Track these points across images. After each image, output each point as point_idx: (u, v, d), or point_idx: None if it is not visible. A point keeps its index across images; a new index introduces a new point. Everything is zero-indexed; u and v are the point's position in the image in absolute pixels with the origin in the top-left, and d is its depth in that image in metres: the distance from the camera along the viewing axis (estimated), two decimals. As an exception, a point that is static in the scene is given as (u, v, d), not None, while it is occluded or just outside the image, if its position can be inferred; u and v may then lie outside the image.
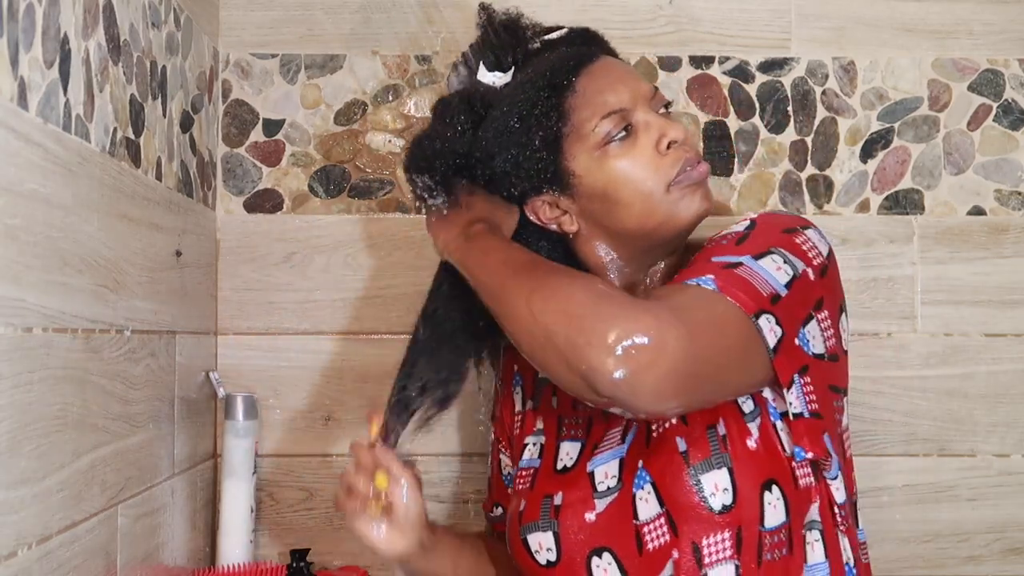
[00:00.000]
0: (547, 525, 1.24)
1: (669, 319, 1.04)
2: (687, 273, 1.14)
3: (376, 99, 1.66)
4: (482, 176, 1.28)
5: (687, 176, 1.23)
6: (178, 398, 1.42)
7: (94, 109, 1.12)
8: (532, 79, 1.27)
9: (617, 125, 1.23)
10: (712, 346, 1.08)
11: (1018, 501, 1.63)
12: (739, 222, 1.21)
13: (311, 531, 1.62)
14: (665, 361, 1.03)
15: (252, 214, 1.65)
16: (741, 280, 1.11)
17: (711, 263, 1.14)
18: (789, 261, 1.15)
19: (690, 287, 1.11)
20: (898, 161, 1.66)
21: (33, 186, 0.97)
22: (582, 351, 1.04)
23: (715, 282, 1.11)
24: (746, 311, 1.09)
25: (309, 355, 1.64)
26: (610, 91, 1.25)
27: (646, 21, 1.67)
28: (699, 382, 1.08)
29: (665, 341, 1.03)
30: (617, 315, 1.04)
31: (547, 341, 1.08)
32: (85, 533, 1.09)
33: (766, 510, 1.15)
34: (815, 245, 1.19)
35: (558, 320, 1.07)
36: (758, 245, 1.16)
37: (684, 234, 1.27)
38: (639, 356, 1.02)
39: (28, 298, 0.96)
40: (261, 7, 1.65)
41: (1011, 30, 1.67)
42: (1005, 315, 1.65)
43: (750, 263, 1.13)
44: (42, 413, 0.99)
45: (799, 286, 1.14)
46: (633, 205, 1.23)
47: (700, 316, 1.08)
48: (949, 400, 1.64)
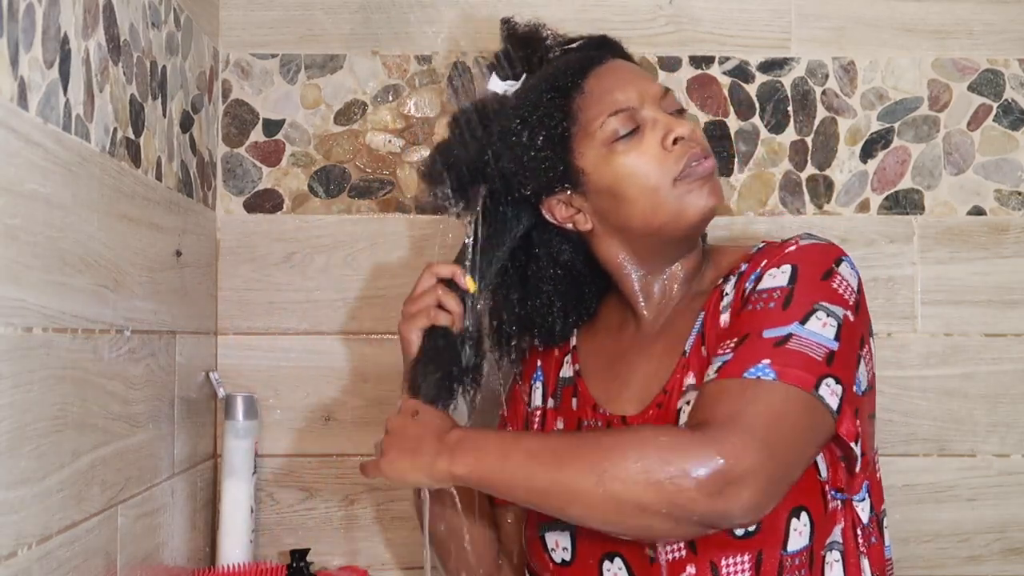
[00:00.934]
0: (565, 525, 1.25)
1: (740, 441, 1.07)
2: (743, 356, 1.13)
3: (376, 99, 1.66)
4: (494, 178, 1.29)
5: (692, 170, 1.24)
6: (178, 398, 1.42)
7: (94, 109, 1.12)
8: (538, 82, 1.29)
9: (624, 123, 1.25)
10: (784, 442, 1.10)
11: (1018, 501, 1.63)
12: (780, 263, 1.19)
13: (311, 531, 1.62)
14: (753, 481, 1.07)
15: (252, 214, 1.65)
16: (795, 355, 1.12)
17: (762, 341, 1.14)
18: (831, 313, 1.16)
19: (749, 384, 1.11)
20: (898, 161, 1.66)
21: (33, 186, 0.97)
22: (685, 509, 1.07)
23: (772, 368, 1.11)
24: (806, 388, 1.11)
25: (309, 355, 1.64)
26: (618, 90, 1.26)
27: (646, 21, 1.67)
28: (783, 476, 1.11)
29: (747, 465, 1.06)
30: (697, 458, 1.06)
31: (641, 511, 1.09)
32: (85, 533, 1.09)
33: (791, 536, 1.17)
34: (848, 283, 1.19)
35: (647, 490, 1.07)
36: (803, 305, 1.16)
37: (694, 231, 1.28)
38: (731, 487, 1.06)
39: (28, 298, 0.96)
40: (261, 7, 1.65)
41: (1011, 30, 1.67)
42: (1005, 315, 1.65)
43: (799, 331, 1.14)
44: (42, 413, 0.99)
45: (845, 334, 1.15)
46: (639, 201, 1.25)
47: (766, 418, 1.10)
48: (949, 400, 1.64)
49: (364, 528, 1.63)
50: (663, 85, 1.32)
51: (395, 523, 1.63)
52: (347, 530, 1.63)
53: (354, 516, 1.63)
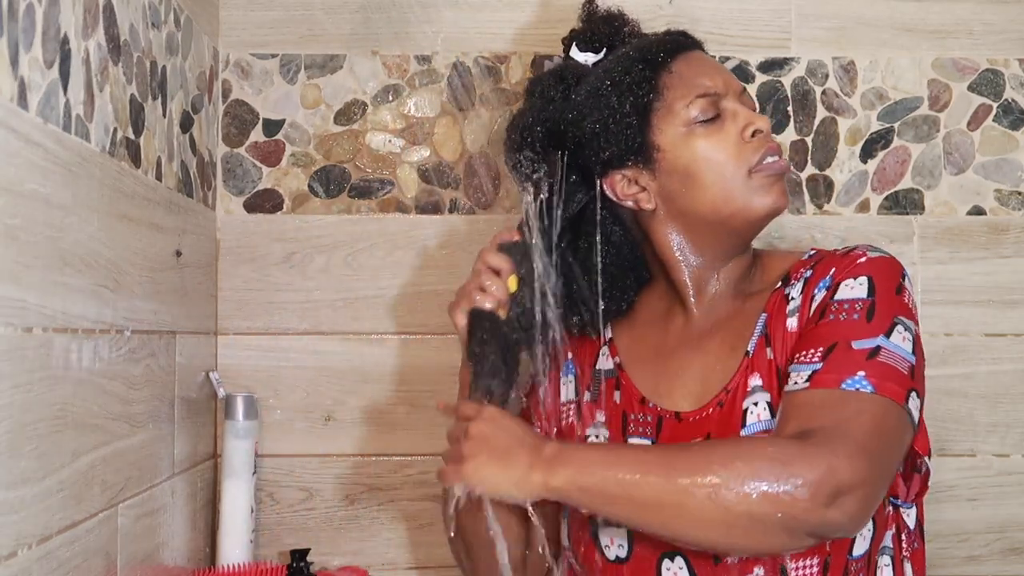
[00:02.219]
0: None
1: (844, 454, 1.08)
2: (837, 367, 1.15)
3: (376, 99, 1.66)
4: (571, 141, 1.28)
5: (769, 166, 1.26)
6: (178, 398, 1.42)
7: (94, 109, 1.12)
8: (630, 52, 1.31)
9: (707, 108, 1.26)
10: (882, 452, 1.12)
11: (1018, 501, 1.63)
12: (855, 275, 1.21)
13: (311, 531, 1.62)
14: (860, 490, 1.09)
15: (252, 214, 1.65)
16: (888, 369, 1.15)
17: (854, 352, 1.15)
18: (907, 327, 1.19)
19: (850, 395, 1.13)
20: (898, 161, 1.66)
21: (33, 186, 0.97)
22: (799, 521, 1.08)
23: (869, 380, 1.13)
24: (899, 401, 1.14)
25: (309, 355, 1.64)
26: (705, 76, 1.28)
27: (646, 21, 1.65)
28: (883, 485, 1.14)
29: (854, 475, 1.08)
30: (810, 468, 1.07)
31: (753, 524, 1.09)
32: (85, 533, 1.09)
33: (856, 540, 1.19)
34: (913, 298, 1.23)
35: (761, 502, 1.08)
36: (885, 319, 1.18)
37: (756, 228, 1.28)
38: (841, 499, 1.08)
39: (28, 298, 0.96)
40: (261, 7, 1.65)
41: (1011, 30, 1.67)
42: (1005, 315, 1.65)
43: (886, 344, 1.16)
44: (42, 413, 0.99)
45: (918, 347, 1.19)
46: (712, 188, 1.25)
47: (868, 429, 1.11)
48: (949, 400, 1.64)
49: (364, 528, 1.63)
50: (742, 87, 1.32)
51: (395, 523, 1.63)
52: (347, 530, 1.63)
53: (354, 516, 1.63)
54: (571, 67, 1.33)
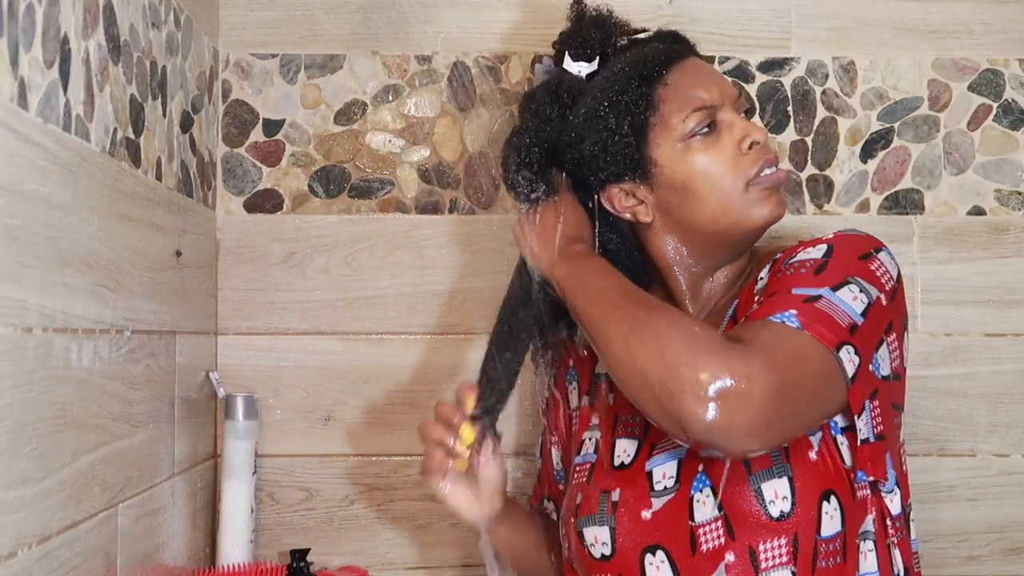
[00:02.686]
0: (604, 520, 1.27)
1: (758, 362, 1.07)
2: (771, 305, 1.15)
3: (376, 99, 1.66)
4: (570, 160, 1.30)
5: (766, 178, 1.26)
6: (178, 398, 1.42)
7: (94, 109, 1.12)
8: (624, 68, 1.30)
9: (704, 120, 1.27)
10: (798, 384, 1.10)
11: (1018, 501, 1.63)
12: (815, 244, 1.21)
13: (311, 531, 1.62)
14: (754, 405, 1.06)
15: (252, 214, 1.65)
16: (822, 314, 1.13)
17: (792, 296, 1.15)
18: (865, 289, 1.16)
19: (775, 324, 1.12)
20: (898, 161, 1.66)
21: (33, 186, 0.97)
22: (676, 398, 1.07)
23: (798, 318, 1.12)
24: (828, 346, 1.11)
25: (309, 355, 1.64)
26: (701, 87, 1.28)
27: (646, 21, 1.66)
28: (786, 420, 1.10)
29: (754, 385, 1.06)
30: (710, 362, 1.06)
31: (643, 382, 1.10)
32: (85, 533, 1.09)
33: (823, 519, 1.17)
34: (887, 269, 1.21)
35: (654, 364, 1.09)
36: (836, 275, 1.17)
37: (754, 237, 1.30)
38: (730, 402, 1.05)
39: (28, 298, 0.96)
40: (261, 7, 1.65)
41: (1011, 30, 1.67)
42: (1005, 315, 1.65)
43: (829, 295, 1.14)
44: (42, 413, 0.99)
45: (874, 313, 1.16)
46: (710, 200, 1.26)
47: (786, 355, 1.10)
48: (949, 400, 1.64)
49: (364, 528, 1.63)
50: (737, 93, 1.32)
51: (395, 523, 1.63)
52: (347, 530, 1.63)
53: (354, 516, 1.63)
54: (565, 82, 1.33)
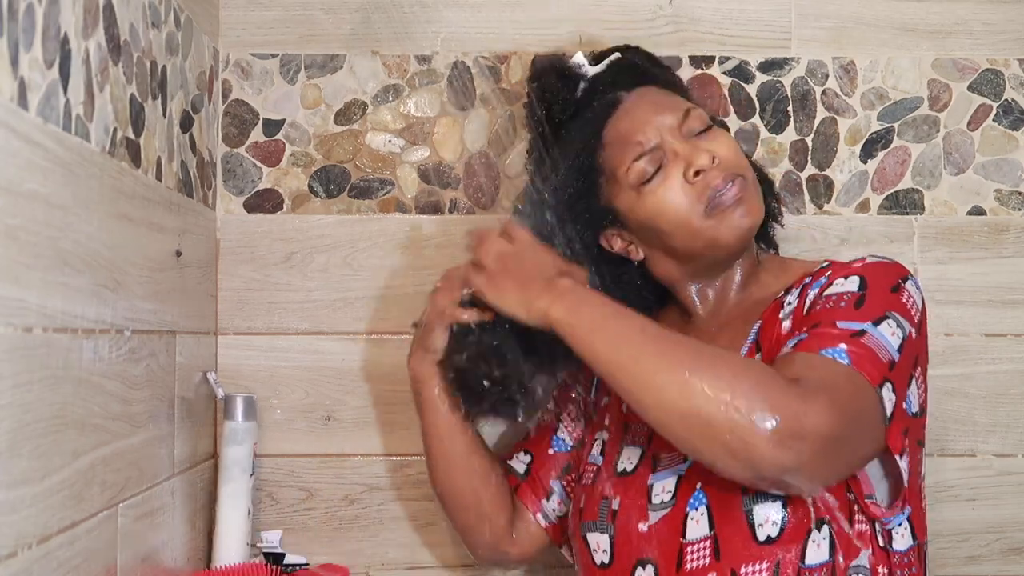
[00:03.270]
0: (604, 528, 1.28)
1: (822, 403, 1.08)
2: (819, 339, 1.15)
3: (376, 99, 1.66)
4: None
5: (719, 201, 1.27)
6: (178, 398, 1.42)
7: (94, 109, 1.12)
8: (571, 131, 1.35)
9: (647, 164, 1.29)
10: (855, 422, 1.11)
11: (1018, 501, 1.63)
12: (847, 274, 1.22)
13: (311, 531, 1.62)
14: (822, 443, 1.07)
15: (252, 214, 1.65)
16: (868, 351, 1.14)
17: (838, 330, 1.15)
18: (900, 324, 1.18)
19: (827, 360, 1.13)
20: (898, 161, 1.66)
21: (33, 186, 0.97)
22: (747, 444, 1.07)
23: (848, 355, 1.13)
24: (872, 383, 1.12)
25: (309, 355, 1.64)
26: (636, 132, 1.30)
27: (646, 21, 1.66)
28: (846, 457, 1.13)
29: (821, 424, 1.07)
30: (780, 404, 1.07)
31: (706, 429, 1.09)
32: (85, 533, 1.09)
33: (808, 547, 1.17)
34: (914, 300, 1.22)
35: (721, 409, 1.08)
36: (875, 309, 1.18)
37: (737, 250, 1.31)
38: (801, 443, 1.06)
39: (28, 298, 0.96)
40: (261, 7, 1.65)
41: (1011, 30, 1.67)
42: (1005, 315, 1.65)
43: (872, 330, 1.15)
44: (42, 413, 0.99)
45: (907, 349, 1.17)
46: (677, 233, 1.29)
47: (843, 394, 1.11)
48: (949, 400, 1.63)
49: (364, 528, 1.63)
50: (685, 105, 1.33)
51: (395, 523, 1.63)
52: (347, 530, 1.63)
53: (354, 516, 1.63)
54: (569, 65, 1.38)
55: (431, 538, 1.62)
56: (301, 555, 1.61)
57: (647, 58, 1.43)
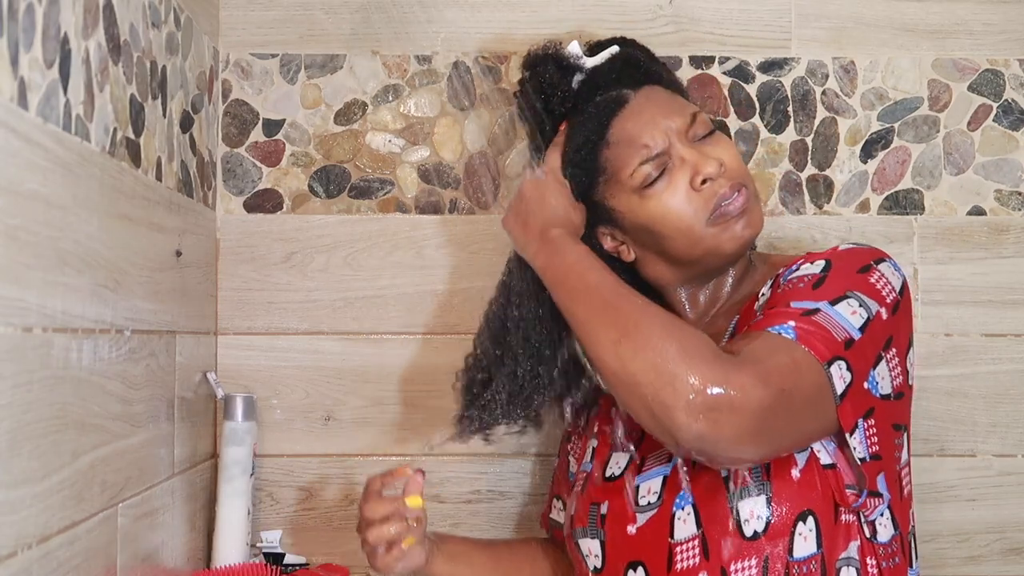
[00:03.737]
0: (595, 533, 1.28)
1: (751, 375, 1.07)
2: (768, 318, 1.15)
3: (376, 99, 1.66)
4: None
5: (724, 211, 1.26)
6: (178, 398, 1.42)
7: (94, 109, 1.12)
8: (569, 141, 1.33)
9: (653, 168, 1.27)
10: (790, 397, 1.09)
11: (1018, 501, 1.63)
12: (815, 259, 1.21)
13: (311, 531, 1.62)
14: (745, 417, 1.06)
15: (252, 214, 1.65)
16: (818, 327, 1.13)
17: (790, 309, 1.15)
18: (864, 304, 1.16)
19: (770, 335, 1.13)
20: (898, 161, 1.66)
21: (33, 186, 0.97)
22: (666, 408, 1.07)
23: (794, 330, 1.12)
24: (820, 359, 1.11)
25: (309, 355, 1.64)
26: (644, 134, 1.28)
27: (646, 21, 1.67)
28: (777, 432, 1.11)
29: (746, 398, 1.06)
30: (703, 373, 1.07)
31: (633, 388, 1.11)
32: (85, 533, 1.09)
33: (795, 540, 1.16)
34: (888, 281, 1.20)
35: (646, 374, 1.10)
36: (835, 289, 1.16)
37: (735, 259, 1.31)
38: (721, 414, 1.06)
39: (28, 298, 0.96)
40: (261, 7, 1.65)
41: (1011, 30, 1.67)
42: (1005, 315, 1.65)
43: (827, 309, 1.14)
44: (42, 413, 0.99)
45: (872, 328, 1.15)
46: (676, 238, 1.28)
47: (779, 367, 1.10)
48: (949, 400, 1.63)
49: (364, 528, 1.63)
50: (691, 109, 1.31)
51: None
52: (347, 530, 1.62)
53: (354, 516, 1.62)
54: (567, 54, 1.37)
55: (431, 538, 1.62)
56: (301, 555, 1.61)
57: (647, 55, 1.40)
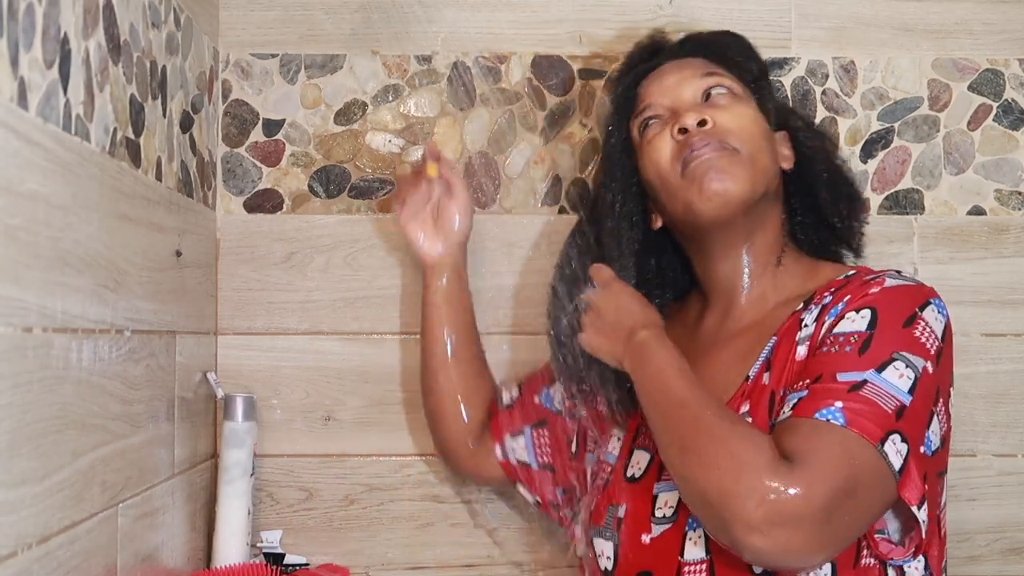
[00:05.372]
0: (610, 535, 1.27)
1: (806, 485, 1.05)
2: (815, 398, 1.11)
3: (376, 99, 1.66)
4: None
5: (689, 159, 1.26)
6: (178, 398, 1.42)
7: (94, 109, 1.12)
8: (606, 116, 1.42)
9: (656, 123, 1.31)
10: (845, 492, 1.06)
11: (1018, 501, 1.63)
12: (860, 306, 1.17)
13: (311, 531, 1.62)
14: (806, 528, 1.05)
15: (252, 214, 1.65)
16: (867, 404, 1.09)
17: (836, 385, 1.11)
18: (911, 364, 1.13)
19: (820, 427, 1.09)
20: (898, 161, 1.66)
21: (33, 186, 0.97)
22: (724, 523, 1.07)
23: (843, 412, 1.09)
24: (872, 441, 1.08)
25: (309, 355, 1.64)
26: (654, 95, 1.33)
27: (646, 21, 1.66)
28: (839, 531, 1.08)
29: (805, 509, 1.04)
30: (757, 490, 1.05)
31: (698, 498, 1.11)
32: (85, 533, 1.09)
33: None
34: (932, 329, 1.16)
35: (705, 488, 1.09)
36: (881, 352, 1.13)
37: (711, 219, 1.27)
38: (782, 530, 1.04)
39: (28, 298, 0.96)
40: (261, 7, 1.65)
41: (1011, 30, 1.67)
42: (1005, 315, 1.65)
43: (874, 379, 1.11)
44: (42, 413, 0.99)
45: (921, 388, 1.12)
46: (661, 192, 1.30)
47: (831, 462, 1.07)
48: (949, 400, 1.63)
49: (364, 528, 1.63)
50: (715, 81, 1.32)
51: (395, 523, 1.63)
52: (347, 530, 1.63)
53: (354, 516, 1.63)
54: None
55: (431, 538, 1.62)
56: (301, 555, 1.61)
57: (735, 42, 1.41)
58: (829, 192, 1.36)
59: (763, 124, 1.32)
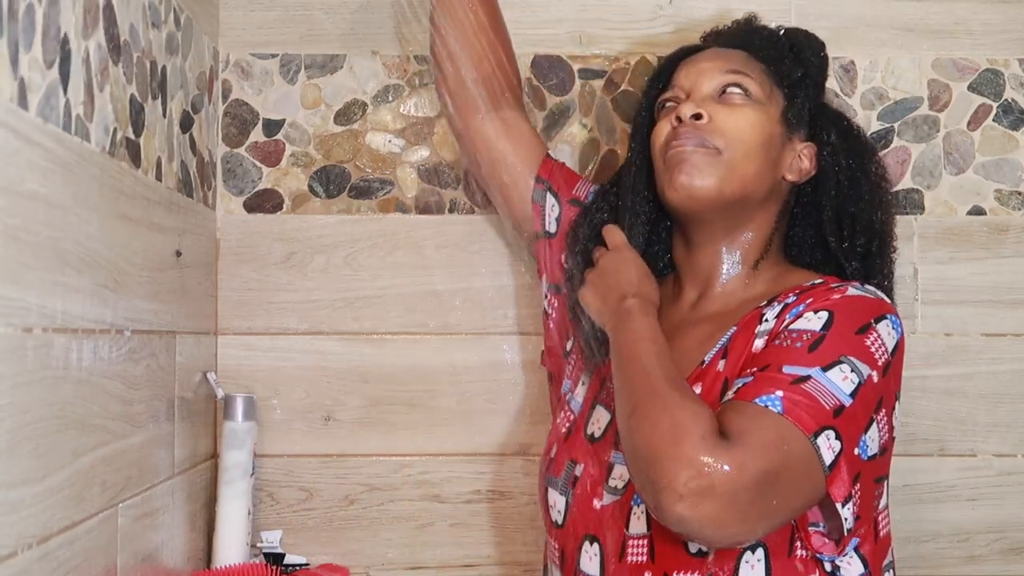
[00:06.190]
0: (564, 490, 1.30)
1: (736, 462, 1.07)
2: (759, 384, 1.14)
3: (376, 99, 1.66)
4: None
5: (666, 150, 1.31)
6: (178, 398, 1.42)
7: (94, 109, 1.12)
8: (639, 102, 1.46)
9: (672, 105, 1.35)
10: (772, 475, 1.08)
11: (1018, 501, 1.63)
12: (819, 308, 1.19)
13: (311, 531, 1.62)
14: (723, 501, 1.06)
15: (252, 214, 1.65)
16: (806, 397, 1.12)
17: (781, 376, 1.14)
18: (856, 369, 1.15)
19: (758, 410, 1.11)
20: (898, 161, 1.66)
21: (33, 186, 0.97)
22: (654, 486, 1.09)
23: (782, 401, 1.11)
24: (805, 431, 1.10)
25: (309, 355, 1.64)
26: (680, 80, 1.36)
27: (646, 21, 1.67)
28: (761, 512, 1.09)
29: (725, 482, 1.06)
30: (689, 459, 1.07)
31: (637, 457, 1.13)
32: (85, 533, 1.09)
33: (741, 568, 1.17)
34: (883, 343, 1.18)
35: (642, 449, 1.12)
36: (830, 353, 1.15)
37: (682, 209, 1.31)
38: (701, 499, 1.06)
39: (28, 298, 0.96)
40: (261, 7, 1.65)
41: (1011, 30, 1.67)
42: (1005, 315, 1.65)
43: (818, 376, 1.13)
44: (42, 413, 0.99)
45: (863, 394, 1.14)
46: (654, 173, 1.36)
47: (762, 443, 1.09)
48: (949, 400, 1.63)
49: (364, 528, 1.63)
50: (740, 78, 1.33)
51: (395, 523, 1.63)
52: (347, 530, 1.63)
53: (354, 516, 1.63)
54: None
55: (431, 538, 1.63)
56: (301, 555, 1.61)
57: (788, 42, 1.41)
58: (835, 211, 1.35)
59: (767, 132, 1.31)
